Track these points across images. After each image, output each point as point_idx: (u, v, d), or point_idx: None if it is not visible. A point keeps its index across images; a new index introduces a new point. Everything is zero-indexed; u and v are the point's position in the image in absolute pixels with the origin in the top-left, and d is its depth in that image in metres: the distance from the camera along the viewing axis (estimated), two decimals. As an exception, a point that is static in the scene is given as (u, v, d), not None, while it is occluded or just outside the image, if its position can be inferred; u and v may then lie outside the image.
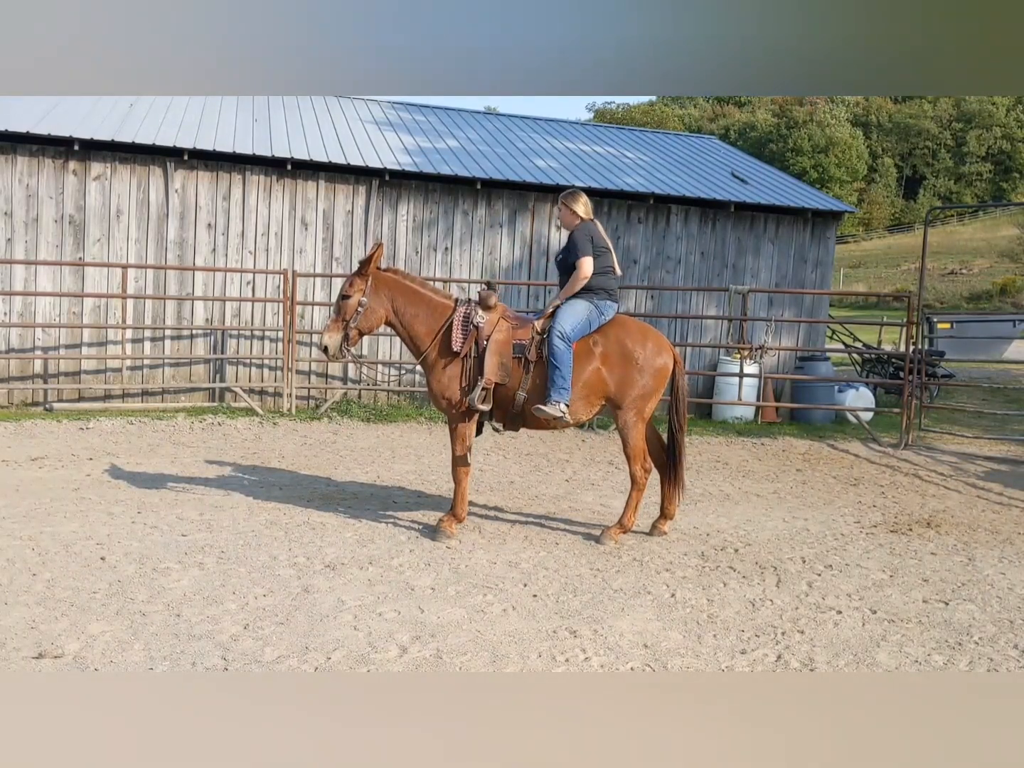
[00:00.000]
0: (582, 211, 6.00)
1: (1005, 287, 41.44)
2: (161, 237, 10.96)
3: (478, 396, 5.70)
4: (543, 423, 5.89)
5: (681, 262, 12.93)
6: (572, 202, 6.00)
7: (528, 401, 5.77)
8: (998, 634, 4.60)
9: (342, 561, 5.31)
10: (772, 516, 6.94)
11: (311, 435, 9.70)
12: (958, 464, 9.57)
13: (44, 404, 10.54)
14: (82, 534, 5.64)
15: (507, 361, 5.77)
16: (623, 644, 4.24)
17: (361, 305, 5.82)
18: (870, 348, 16.03)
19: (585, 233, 5.89)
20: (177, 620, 4.31)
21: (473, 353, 5.79)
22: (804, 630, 4.53)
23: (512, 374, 5.78)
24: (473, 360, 5.79)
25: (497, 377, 5.74)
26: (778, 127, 73.19)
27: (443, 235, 12.01)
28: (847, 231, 63.96)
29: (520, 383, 5.78)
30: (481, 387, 5.70)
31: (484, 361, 5.73)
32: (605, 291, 5.92)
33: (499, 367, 5.74)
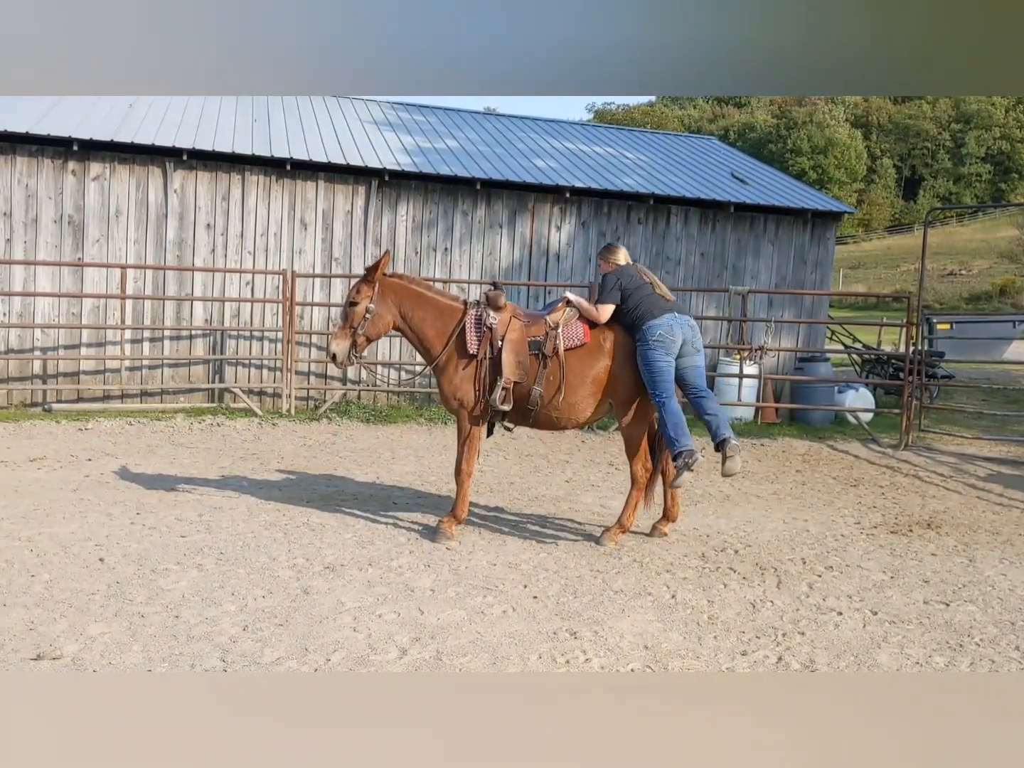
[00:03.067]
0: (621, 259, 6.07)
1: (1004, 288, 41.44)
2: (160, 237, 10.94)
3: (499, 396, 5.72)
4: (553, 422, 5.98)
5: (681, 263, 12.92)
6: (609, 255, 6.11)
7: (543, 396, 5.81)
8: (999, 635, 4.59)
9: (341, 562, 5.30)
10: (772, 517, 6.93)
11: (310, 436, 9.69)
12: (958, 465, 9.56)
13: (43, 405, 10.53)
14: (81, 535, 5.63)
15: (524, 359, 5.80)
16: (623, 645, 4.23)
17: (368, 312, 5.82)
18: (870, 349, 16.02)
19: (612, 278, 5.92)
20: (176, 621, 4.30)
21: (488, 354, 5.80)
22: (805, 631, 4.52)
23: (528, 370, 5.83)
24: (488, 361, 5.80)
25: (516, 376, 5.77)
26: (777, 128, 73.22)
27: (443, 235, 12.00)
28: (846, 232, 63.96)
29: (536, 379, 5.81)
30: (501, 387, 5.73)
31: (501, 361, 5.75)
32: (650, 313, 5.76)
33: (517, 365, 5.78)
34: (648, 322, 5.71)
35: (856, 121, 76.62)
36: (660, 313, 5.74)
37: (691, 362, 5.83)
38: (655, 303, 5.79)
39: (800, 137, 69.86)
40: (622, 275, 5.91)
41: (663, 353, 5.67)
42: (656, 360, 5.66)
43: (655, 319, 5.71)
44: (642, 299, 5.80)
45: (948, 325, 17.80)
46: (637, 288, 5.84)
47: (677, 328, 5.71)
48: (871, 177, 74.12)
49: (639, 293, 5.82)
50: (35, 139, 10.30)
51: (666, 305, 5.81)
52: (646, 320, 5.72)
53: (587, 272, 12.47)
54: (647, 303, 5.78)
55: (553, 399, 5.80)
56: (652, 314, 5.73)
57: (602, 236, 12.55)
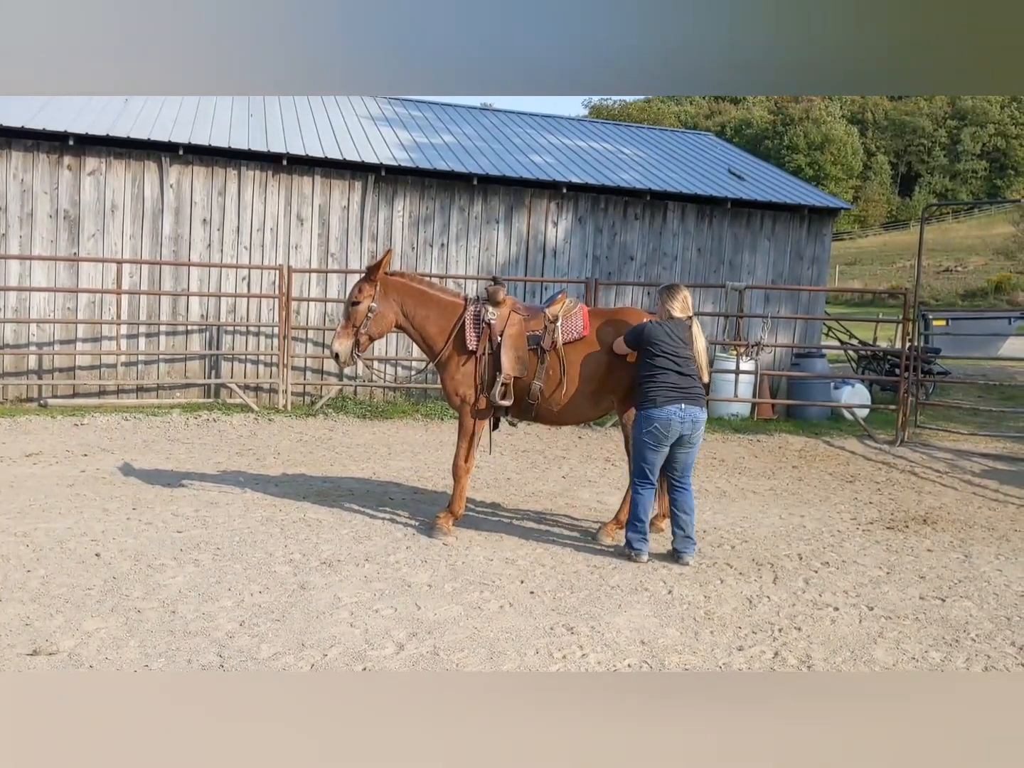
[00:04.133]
0: (677, 310, 5.51)
1: (1000, 284, 41.50)
2: (156, 232, 10.91)
3: (499, 392, 5.71)
4: (555, 417, 5.96)
5: (678, 259, 12.92)
6: (665, 299, 5.55)
7: (543, 390, 5.78)
8: (995, 631, 4.60)
9: (338, 558, 5.30)
10: (768, 513, 6.94)
11: (307, 432, 9.68)
12: (954, 461, 9.58)
13: (39, 400, 10.50)
14: (77, 530, 5.62)
15: (523, 354, 5.79)
16: (620, 641, 4.24)
17: (371, 311, 5.81)
18: (866, 345, 16.04)
19: (636, 330, 5.49)
20: (172, 617, 4.29)
21: (488, 350, 5.79)
22: (801, 627, 4.53)
23: (528, 365, 5.81)
24: (488, 357, 5.79)
25: (515, 371, 5.76)
26: (774, 124, 73.22)
27: (439, 231, 11.98)
28: (843, 228, 64.02)
29: (536, 373, 5.80)
30: (500, 383, 5.72)
31: (500, 357, 5.74)
32: (653, 400, 5.32)
33: (516, 361, 5.76)
34: (648, 410, 5.32)
35: (852, 117, 76.64)
36: (664, 403, 5.28)
37: (682, 452, 5.43)
38: (665, 385, 5.33)
39: (796, 133, 69.87)
40: (649, 335, 5.39)
41: (653, 444, 5.34)
42: (644, 448, 5.37)
43: (656, 408, 5.29)
44: (655, 373, 5.36)
45: (944, 321, 17.83)
46: (657, 356, 5.36)
47: (676, 424, 5.27)
48: (867, 174, 74.16)
49: (654, 364, 5.37)
50: (31, 133, 10.26)
51: (675, 392, 5.31)
52: (646, 406, 5.34)
53: (583, 268, 12.46)
54: (657, 382, 5.34)
55: (554, 394, 5.79)
56: (655, 401, 5.30)
57: (599, 232, 12.55)
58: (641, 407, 5.39)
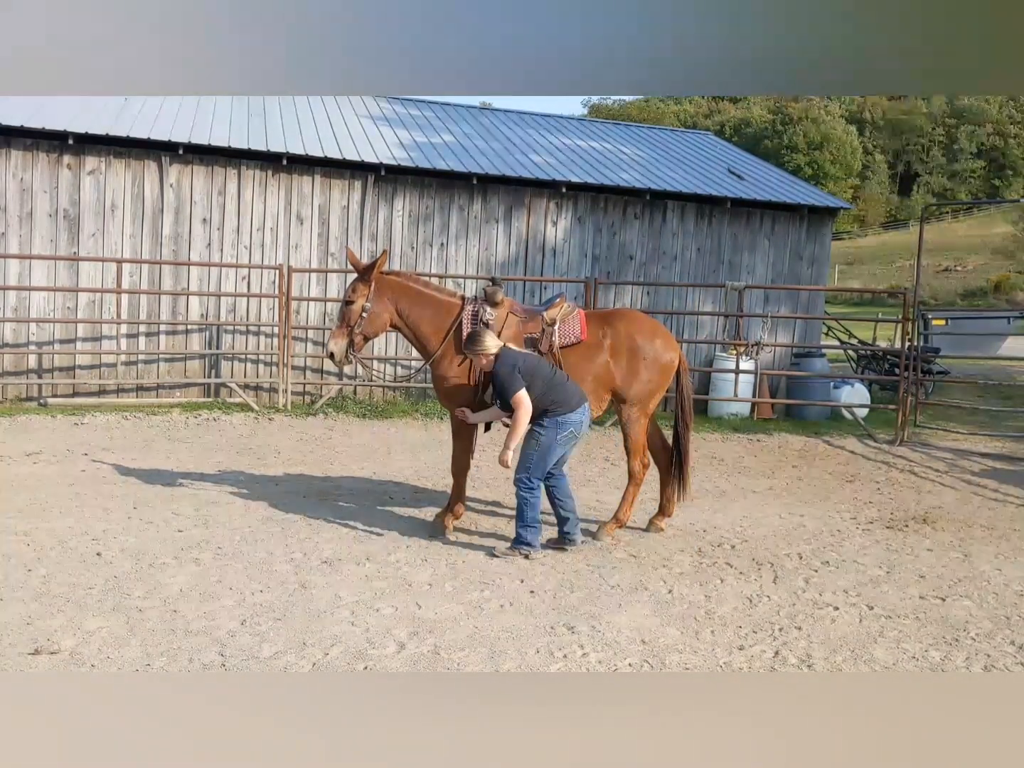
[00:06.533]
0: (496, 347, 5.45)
1: (999, 284, 41.56)
2: (156, 232, 10.91)
3: (491, 393, 5.71)
4: None
5: (677, 258, 12.92)
6: (483, 345, 5.42)
7: None
8: (995, 630, 4.61)
9: (339, 557, 5.30)
10: (768, 512, 6.95)
11: (306, 431, 9.68)
12: (953, 460, 9.59)
13: (38, 399, 10.50)
14: (78, 530, 5.62)
15: None
16: (621, 640, 4.24)
17: (365, 310, 5.79)
18: (865, 345, 16.05)
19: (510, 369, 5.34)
20: (174, 616, 4.30)
21: None
22: (801, 626, 4.53)
23: None
24: None
25: None
26: (773, 123, 73.17)
27: (439, 230, 11.99)
28: (842, 228, 63.96)
29: None
30: None
31: None
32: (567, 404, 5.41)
33: None
34: (565, 415, 5.36)
35: (851, 117, 76.60)
36: (576, 405, 5.41)
37: (575, 448, 5.63)
38: (571, 390, 5.45)
39: (795, 133, 69.84)
40: (526, 363, 5.39)
41: (563, 446, 5.43)
42: (552, 453, 5.39)
43: (572, 412, 5.38)
44: (557, 384, 5.41)
45: (943, 321, 17.86)
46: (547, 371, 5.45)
47: (585, 423, 5.48)
48: (866, 173, 74.14)
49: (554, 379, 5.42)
50: (30, 132, 10.25)
51: (580, 395, 5.48)
52: (562, 411, 5.36)
53: (583, 267, 12.47)
54: (567, 389, 5.43)
55: None
56: (570, 404, 5.39)
57: (598, 231, 12.55)
58: (556, 414, 5.36)
